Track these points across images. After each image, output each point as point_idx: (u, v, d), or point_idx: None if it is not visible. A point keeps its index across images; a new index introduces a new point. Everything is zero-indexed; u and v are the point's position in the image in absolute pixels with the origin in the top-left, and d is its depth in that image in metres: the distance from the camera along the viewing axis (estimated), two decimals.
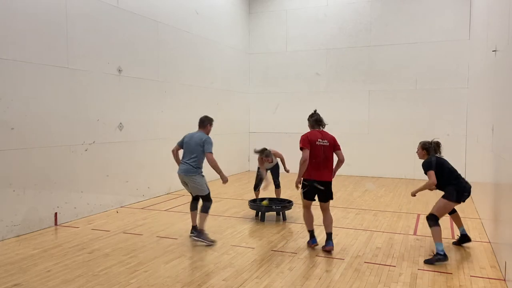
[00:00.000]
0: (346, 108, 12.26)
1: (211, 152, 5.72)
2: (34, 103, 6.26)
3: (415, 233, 6.30)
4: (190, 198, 6.23)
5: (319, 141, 5.57)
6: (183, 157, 5.92)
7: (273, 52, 13.13)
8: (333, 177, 5.56)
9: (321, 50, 12.52)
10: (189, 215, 6.22)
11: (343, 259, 5.14)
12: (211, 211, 5.97)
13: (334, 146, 5.65)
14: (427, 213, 7.60)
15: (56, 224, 6.61)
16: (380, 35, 11.87)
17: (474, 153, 8.90)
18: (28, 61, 6.17)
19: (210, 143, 5.77)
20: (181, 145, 6.01)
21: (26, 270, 4.74)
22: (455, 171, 5.50)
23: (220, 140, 11.22)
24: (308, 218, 5.63)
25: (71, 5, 6.85)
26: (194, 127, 7.98)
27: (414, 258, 5.17)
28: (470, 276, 4.63)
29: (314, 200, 5.56)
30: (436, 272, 4.73)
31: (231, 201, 8.52)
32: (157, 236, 6.08)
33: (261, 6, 13.21)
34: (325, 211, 5.56)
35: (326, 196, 5.49)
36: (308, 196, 5.50)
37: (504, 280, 4.47)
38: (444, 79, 11.30)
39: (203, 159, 5.83)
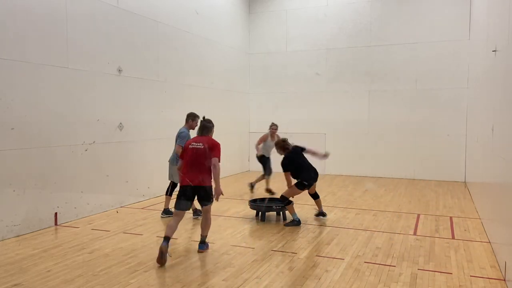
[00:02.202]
0: (346, 108, 12.26)
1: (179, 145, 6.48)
2: (34, 103, 6.26)
3: (415, 233, 6.30)
4: None
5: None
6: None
7: (273, 52, 13.13)
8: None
9: (321, 50, 12.52)
10: (188, 215, 6.25)
11: (343, 259, 5.14)
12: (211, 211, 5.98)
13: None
14: (428, 213, 7.67)
15: (56, 224, 6.62)
16: (380, 35, 11.87)
17: (474, 153, 8.90)
18: (28, 61, 6.17)
19: (178, 136, 6.66)
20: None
21: (26, 270, 4.74)
22: (303, 166, 6.84)
23: (220, 140, 11.22)
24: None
25: (71, 5, 6.85)
26: (195, 127, 8.01)
27: (414, 258, 5.17)
28: (470, 276, 4.63)
29: None
30: (436, 272, 4.73)
31: (231, 201, 8.52)
32: (157, 236, 6.08)
33: (261, 6, 13.21)
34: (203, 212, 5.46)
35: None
36: None
37: (504, 280, 4.48)
38: (444, 79, 11.30)
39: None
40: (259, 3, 13.23)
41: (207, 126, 5.50)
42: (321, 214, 7.17)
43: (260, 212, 7.10)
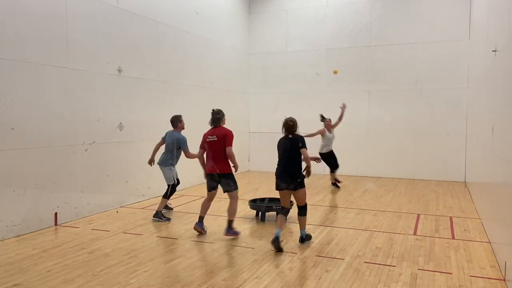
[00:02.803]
0: (346, 108, 12.23)
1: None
2: (34, 103, 6.26)
3: (415, 233, 6.30)
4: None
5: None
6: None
7: (273, 52, 13.13)
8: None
9: (321, 50, 12.52)
10: (188, 215, 6.24)
11: (343, 259, 5.14)
12: (211, 211, 6.13)
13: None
14: (428, 213, 7.66)
15: (56, 224, 6.61)
16: (380, 35, 11.87)
17: (474, 153, 8.90)
18: (28, 61, 6.17)
19: (183, 143, 7.02)
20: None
21: (26, 270, 4.74)
22: (281, 155, 5.65)
23: None
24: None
25: (71, 5, 6.85)
26: (194, 127, 8.01)
27: (414, 258, 5.16)
28: (470, 276, 4.63)
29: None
30: (436, 272, 4.73)
31: None
32: (157, 236, 6.08)
33: (261, 6, 13.21)
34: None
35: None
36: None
37: (504, 280, 4.48)
38: (444, 79, 11.30)
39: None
40: (259, 3, 13.23)
41: (217, 118, 6.16)
42: (301, 237, 5.76)
43: (260, 212, 7.10)
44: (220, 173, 5.93)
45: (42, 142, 6.39)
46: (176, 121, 7.18)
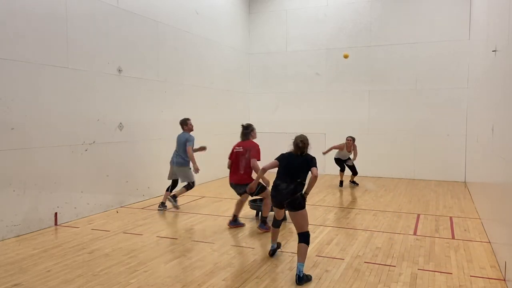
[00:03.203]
0: (346, 108, 12.26)
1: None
2: (34, 103, 6.26)
3: (415, 233, 6.30)
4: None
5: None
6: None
7: (273, 52, 13.13)
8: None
9: (321, 50, 12.52)
10: (188, 215, 6.25)
11: (343, 259, 5.14)
12: (210, 211, 6.10)
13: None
14: (428, 213, 7.66)
15: (56, 224, 6.61)
16: (380, 35, 11.87)
17: (474, 153, 8.90)
18: (28, 61, 6.17)
19: (190, 140, 7.65)
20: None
21: (26, 270, 4.74)
22: (280, 172, 4.83)
23: (220, 140, 11.24)
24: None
25: (71, 5, 6.85)
26: (194, 127, 8.01)
27: (414, 258, 5.16)
28: (470, 276, 4.63)
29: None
30: (436, 272, 4.73)
31: (231, 201, 8.51)
32: (157, 236, 6.08)
33: (261, 6, 13.21)
34: None
35: None
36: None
37: (504, 280, 4.47)
38: (444, 79, 11.30)
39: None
40: (259, 3, 13.23)
41: (245, 133, 6.54)
42: (299, 275, 4.41)
43: (260, 212, 7.09)
44: (241, 183, 6.33)
45: (42, 142, 6.39)
46: (183, 124, 7.78)
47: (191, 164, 7.64)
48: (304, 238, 4.56)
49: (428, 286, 4.36)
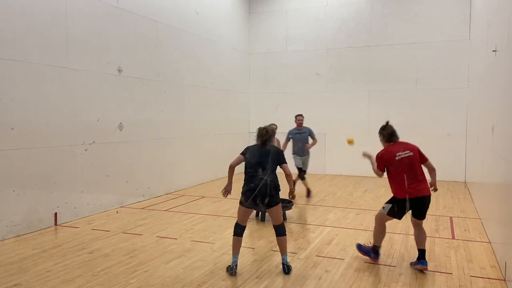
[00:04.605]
0: (346, 108, 12.26)
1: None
2: (34, 103, 6.26)
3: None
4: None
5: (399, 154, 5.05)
6: None
7: (273, 52, 13.13)
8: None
9: (321, 50, 12.52)
10: (188, 215, 6.23)
11: (343, 259, 5.14)
12: (210, 211, 6.03)
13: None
14: (428, 213, 7.58)
15: (56, 224, 6.61)
16: (380, 35, 11.87)
17: (474, 153, 8.90)
18: (28, 61, 6.17)
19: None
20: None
21: (26, 270, 4.74)
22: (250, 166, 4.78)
23: (220, 140, 11.25)
24: (382, 234, 5.07)
25: (71, 5, 6.85)
26: (194, 127, 8.01)
27: (414, 258, 5.15)
28: (470, 276, 4.63)
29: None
30: (436, 272, 4.73)
31: (231, 201, 8.51)
32: (157, 236, 6.08)
33: (261, 6, 13.21)
34: (417, 225, 4.98)
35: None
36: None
37: (504, 280, 4.47)
38: (444, 79, 11.30)
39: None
40: (259, 3, 13.23)
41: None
42: (285, 264, 4.74)
43: (260, 212, 7.09)
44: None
45: (42, 142, 6.39)
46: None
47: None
48: (282, 230, 4.77)
49: (428, 286, 4.36)
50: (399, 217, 4.93)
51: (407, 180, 4.79)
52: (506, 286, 4.34)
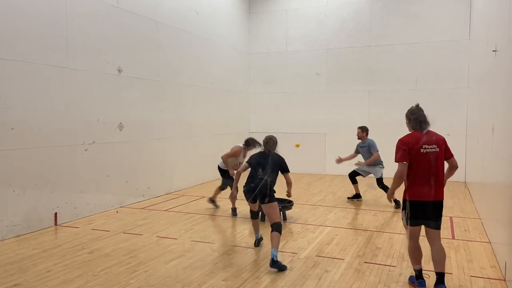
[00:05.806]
0: (346, 108, 12.25)
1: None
2: (34, 103, 6.26)
3: None
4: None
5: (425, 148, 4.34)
6: None
7: (273, 52, 13.13)
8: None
9: (321, 50, 12.52)
10: (188, 215, 6.23)
11: (343, 259, 5.14)
12: (210, 211, 6.01)
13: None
14: None
15: (56, 224, 6.61)
16: (380, 35, 11.87)
17: (474, 153, 8.90)
18: (28, 61, 6.17)
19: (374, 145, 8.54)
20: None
21: (26, 270, 4.74)
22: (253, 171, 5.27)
23: (220, 140, 11.24)
24: (416, 252, 4.33)
25: (71, 5, 6.85)
26: (194, 127, 8.01)
27: None
28: (470, 276, 4.63)
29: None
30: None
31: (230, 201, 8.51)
32: (157, 236, 6.08)
33: (261, 6, 13.21)
34: (434, 240, 4.25)
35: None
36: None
37: (504, 280, 4.47)
38: (444, 79, 11.30)
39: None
40: (259, 3, 13.23)
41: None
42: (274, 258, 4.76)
43: (260, 212, 7.08)
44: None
45: (42, 142, 6.39)
46: (365, 131, 8.98)
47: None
48: (276, 227, 4.96)
49: (428, 286, 4.35)
50: (423, 223, 4.22)
51: (425, 180, 4.20)
52: (506, 286, 4.34)
